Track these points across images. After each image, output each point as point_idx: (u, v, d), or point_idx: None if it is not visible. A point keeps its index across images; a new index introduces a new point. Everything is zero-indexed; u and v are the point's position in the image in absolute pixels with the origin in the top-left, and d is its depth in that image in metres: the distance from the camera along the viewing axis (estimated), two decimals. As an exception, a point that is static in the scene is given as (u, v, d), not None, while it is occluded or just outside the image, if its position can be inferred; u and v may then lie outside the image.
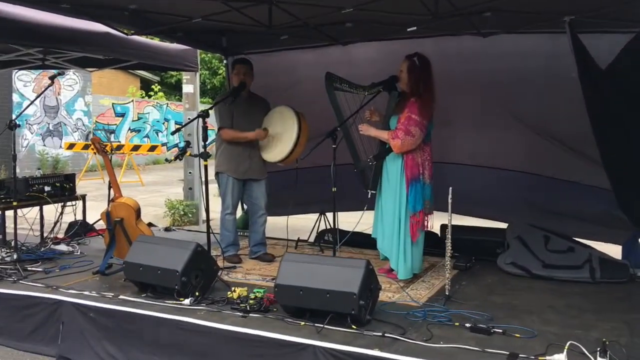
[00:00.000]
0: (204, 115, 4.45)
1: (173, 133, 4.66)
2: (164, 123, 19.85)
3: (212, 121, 5.46)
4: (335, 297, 3.46)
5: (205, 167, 4.52)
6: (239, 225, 6.75)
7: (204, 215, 8.34)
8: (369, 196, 4.68)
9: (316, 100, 5.91)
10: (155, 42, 6.94)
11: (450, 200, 3.99)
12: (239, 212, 6.03)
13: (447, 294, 4.09)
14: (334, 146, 4.30)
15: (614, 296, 4.29)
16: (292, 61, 6.72)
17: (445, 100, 4.86)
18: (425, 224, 4.58)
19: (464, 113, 5.77)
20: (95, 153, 4.83)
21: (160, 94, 20.74)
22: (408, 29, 5.45)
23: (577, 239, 5.09)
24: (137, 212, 4.84)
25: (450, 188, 3.97)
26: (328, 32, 5.90)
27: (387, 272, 4.79)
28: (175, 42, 6.78)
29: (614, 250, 5.23)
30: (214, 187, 5.17)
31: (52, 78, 4.96)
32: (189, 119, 8.36)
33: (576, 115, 5.27)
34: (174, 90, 23.67)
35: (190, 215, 8.55)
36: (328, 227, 5.96)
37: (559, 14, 4.72)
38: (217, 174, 5.15)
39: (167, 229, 6.79)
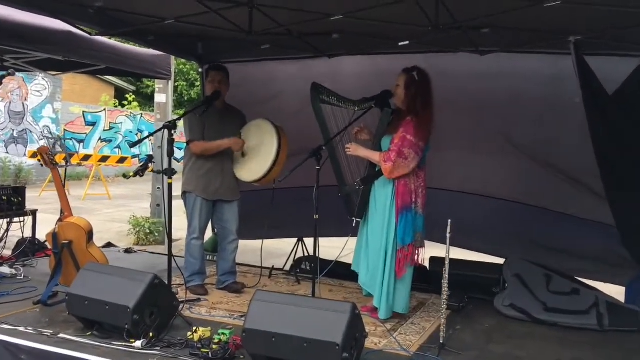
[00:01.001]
0: (171, 126, 3.90)
1: (132, 145, 4.08)
2: (137, 134, 19.14)
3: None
4: (314, 348, 2.91)
5: (170, 185, 3.95)
6: (207, 249, 6.21)
7: (175, 235, 7.87)
8: (354, 224, 4.16)
9: (296, 116, 5.43)
10: (125, 45, 6.37)
11: (449, 234, 3.49)
12: (210, 233, 5.47)
13: (441, 341, 3.56)
14: (317, 167, 3.78)
15: (626, 348, 3.82)
16: (272, 72, 6.21)
17: (435, 121, 4.36)
18: (415, 258, 4.06)
19: (455, 136, 5.29)
20: (42, 165, 4.16)
21: (135, 103, 20.05)
22: (400, 43, 4.99)
23: (581, 280, 4.62)
24: (89, 234, 4.24)
25: (450, 220, 3.48)
26: (313, 42, 5.40)
27: (370, 310, 4.26)
28: (147, 47, 6.23)
29: (614, 291, 4.77)
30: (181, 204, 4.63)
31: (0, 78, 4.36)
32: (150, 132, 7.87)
33: (577, 143, 4.92)
34: (149, 100, 22.98)
35: (156, 234, 7.92)
36: (306, 254, 5.43)
37: (564, 33, 4.32)
38: (183, 193, 4.59)
39: (127, 251, 6.17)
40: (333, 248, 4.69)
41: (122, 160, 14.44)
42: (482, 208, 5.46)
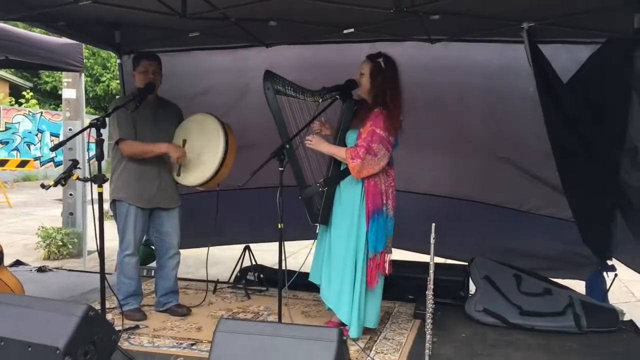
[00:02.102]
0: (99, 124, 3.24)
1: (54, 149, 3.40)
2: (37, 134, 17.60)
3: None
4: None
5: (100, 195, 3.30)
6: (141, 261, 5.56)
7: (89, 246, 7.04)
8: (317, 230, 3.68)
9: (230, 113, 4.89)
10: (29, 32, 5.55)
11: (433, 240, 3.11)
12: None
13: (427, 360, 3.16)
14: (280, 169, 3.26)
15: (613, 351, 3.59)
16: (202, 64, 5.58)
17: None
18: (387, 266, 3.64)
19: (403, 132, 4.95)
20: None
21: (33, 101, 18.41)
22: (345, 31, 4.59)
23: (550, 278, 4.39)
24: (-1, 256, 3.51)
25: (434, 224, 3.09)
26: (249, 29, 4.86)
27: (336, 325, 3.80)
28: (55, 34, 5.45)
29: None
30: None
31: None
32: (70, 129, 7.03)
33: (531, 135, 4.73)
34: (48, 97, 21.30)
35: (70, 247, 7.04)
36: (253, 263, 4.89)
37: (516, 20, 4.06)
38: (113, 202, 3.92)
39: (41, 269, 5.35)
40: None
41: (23, 163, 13.13)
42: (431, 207, 5.13)
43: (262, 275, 4.78)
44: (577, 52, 4.45)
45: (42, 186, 3.18)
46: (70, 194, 7.22)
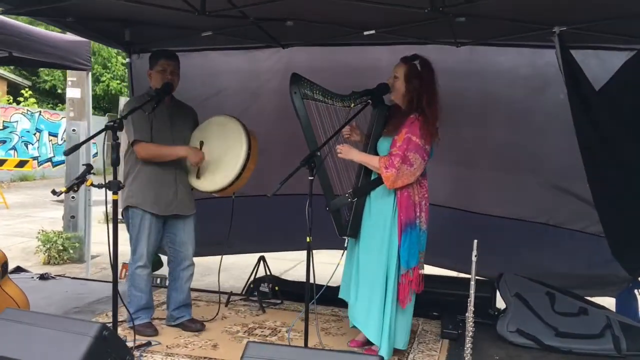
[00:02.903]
0: (116, 126, 3.00)
1: (68, 153, 3.11)
2: (35, 134, 17.33)
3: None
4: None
5: (115, 202, 3.06)
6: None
7: (92, 251, 6.78)
8: (346, 244, 3.45)
9: (241, 115, 4.64)
10: (35, 28, 5.29)
11: (474, 257, 2.87)
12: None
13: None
14: (310, 178, 3.02)
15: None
16: (213, 65, 5.35)
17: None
18: (420, 283, 3.40)
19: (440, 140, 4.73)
20: None
21: (32, 100, 18.13)
22: (365, 33, 4.37)
23: (584, 297, 4.18)
24: (3, 267, 3.26)
25: (476, 241, 2.87)
26: (267, 29, 4.63)
27: (360, 345, 3.58)
28: (62, 30, 5.21)
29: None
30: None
31: None
32: (74, 130, 6.79)
33: (560, 145, 4.52)
34: (47, 96, 21.01)
35: (71, 251, 6.78)
36: (267, 273, 4.64)
37: (547, 24, 3.86)
38: (126, 208, 3.67)
39: (43, 277, 5.09)
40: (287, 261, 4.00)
41: (22, 164, 12.85)
42: (448, 220, 4.88)
43: (277, 288, 4.54)
44: (608, 58, 4.26)
45: (54, 192, 2.93)
46: (73, 197, 6.95)
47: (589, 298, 4.26)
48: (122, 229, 3.66)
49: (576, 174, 4.18)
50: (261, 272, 4.65)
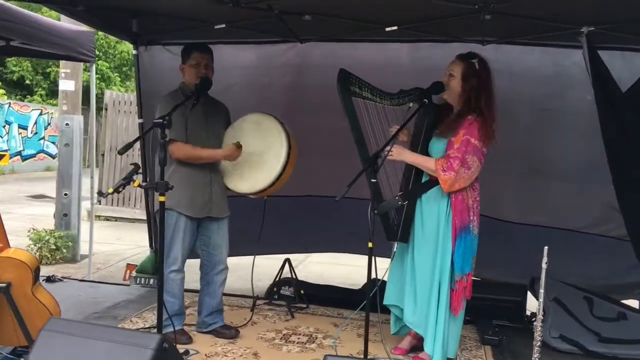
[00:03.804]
0: (165, 123, 2.80)
1: (122, 152, 2.84)
2: (4, 126, 16.68)
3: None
4: None
5: (162, 204, 2.86)
6: (146, 268, 5.11)
7: (82, 249, 6.50)
8: (395, 249, 3.31)
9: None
10: (38, 15, 4.98)
11: (545, 264, 2.79)
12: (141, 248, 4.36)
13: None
14: (373, 180, 2.88)
15: None
16: (224, 59, 5.07)
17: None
18: (470, 289, 3.30)
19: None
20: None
21: (1, 91, 17.47)
22: (387, 29, 4.26)
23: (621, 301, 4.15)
24: (35, 272, 3.03)
25: (546, 248, 2.77)
26: (289, 23, 4.46)
27: (404, 353, 3.47)
28: (70, 18, 4.93)
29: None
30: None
31: None
32: (67, 124, 6.51)
33: (582, 147, 4.50)
34: (14, 88, 20.24)
35: (64, 250, 6.48)
36: (293, 276, 4.48)
37: (575, 23, 3.81)
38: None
39: (50, 279, 4.80)
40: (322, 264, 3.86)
41: (-3, 157, 12.31)
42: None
43: (302, 291, 4.38)
44: (634, 59, 4.25)
45: (100, 194, 2.74)
46: (65, 194, 6.66)
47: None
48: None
49: (599, 177, 4.15)
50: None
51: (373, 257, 2.87)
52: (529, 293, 4.28)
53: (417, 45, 4.72)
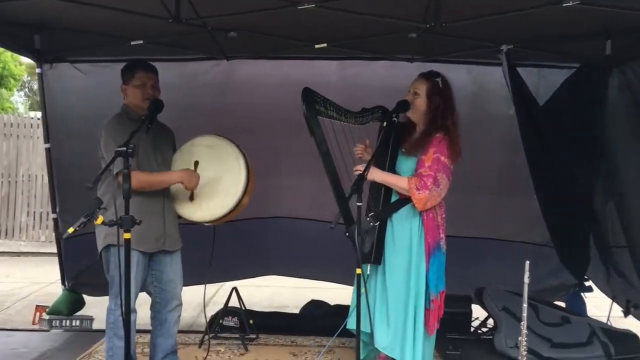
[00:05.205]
0: (130, 152, 2.50)
1: (90, 187, 2.43)
2: None
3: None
4: None
5: (128, 242, 2.56)
6: (60, 310, 4.63)
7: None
8: (368, 271, 3.20)
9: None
10: None
11: (527, 279, 2.83)
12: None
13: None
14: (359, 204, 2.77)
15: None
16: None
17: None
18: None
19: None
20: None
21: None
22: (316, 46, 4.24)
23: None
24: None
25: (527, 262, 2.82)
26: (218, 39, 4.27)
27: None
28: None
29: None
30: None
31: None
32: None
33: (505, 159, 4.72)
34: None
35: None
36: (241, 306, 4.23)
37: (495, 42, 4.04)
38: (107, 247, 3.10)
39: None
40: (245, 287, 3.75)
41: None
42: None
43: (251, 321, 4.15)
44: (549, 75, 4.54)
45: (60, 236, 2.38)
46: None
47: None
48: None
49: (522, 188, 4.37)
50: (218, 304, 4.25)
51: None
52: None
53: (345, 63, 4.72)
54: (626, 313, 4.23)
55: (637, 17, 3.25)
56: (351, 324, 3.31)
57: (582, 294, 4.80)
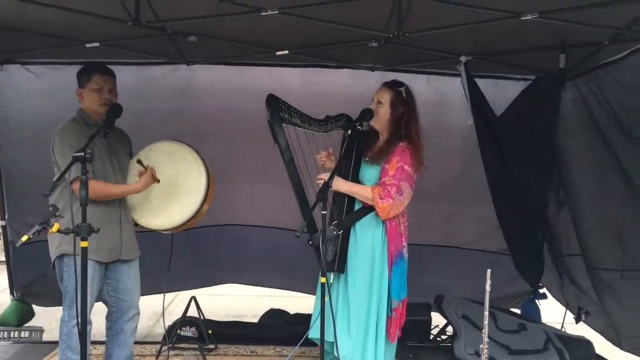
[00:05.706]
0: (88, 157, 2.41)
1: (47, 194, 2.33)
2: None
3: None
4: None
5: (85, 250, 2.46)
6: (8, 320, 4.47)
7: None
8: (332, 280, 3.18)
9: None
10: None
11: (488, 287, 2.86)
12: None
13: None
14: (324, 212, 2.75)
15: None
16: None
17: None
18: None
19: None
20: None
21: None
22: (278, 53, 4.22)
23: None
24: None
25: (489, 271, 2.85)
26: (178, 44, 4.19)
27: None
28: None
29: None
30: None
31: None
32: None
33: (464, 168, 4.79)
34: None
35: None
36: (200, 315, 4.14)
37: (453, 53, 4.11)
38: (61, 257, 2.99)
39: None
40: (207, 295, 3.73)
41: None
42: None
43: (210, 331, 4.07)
44: (506, 87, 4.63)
45: (12, 245, 2.27)
46: None
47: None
48: None
49: (480, 197, 4.43)
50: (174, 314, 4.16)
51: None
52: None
53: (307, 70, 4.70)
54: (577, 319, 4.34)
55: (592, 31, 3.34)
56: (314, 333, 3.28)
57: (536, 300, 4.90)
